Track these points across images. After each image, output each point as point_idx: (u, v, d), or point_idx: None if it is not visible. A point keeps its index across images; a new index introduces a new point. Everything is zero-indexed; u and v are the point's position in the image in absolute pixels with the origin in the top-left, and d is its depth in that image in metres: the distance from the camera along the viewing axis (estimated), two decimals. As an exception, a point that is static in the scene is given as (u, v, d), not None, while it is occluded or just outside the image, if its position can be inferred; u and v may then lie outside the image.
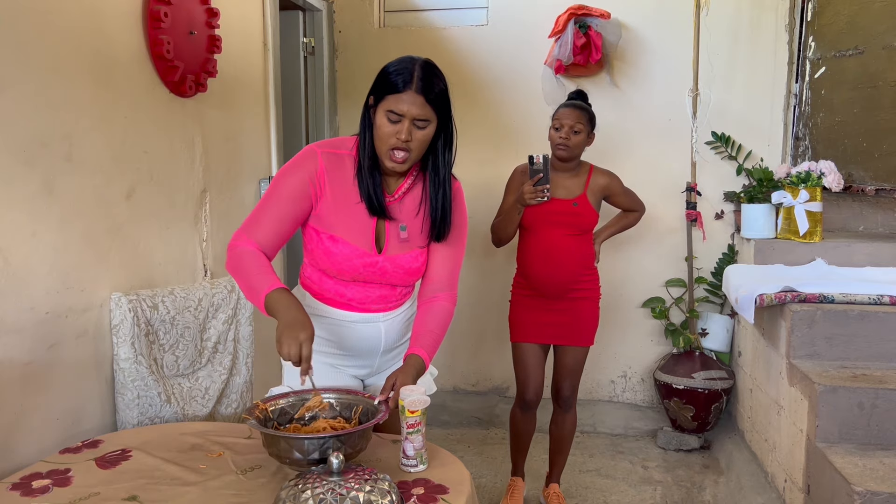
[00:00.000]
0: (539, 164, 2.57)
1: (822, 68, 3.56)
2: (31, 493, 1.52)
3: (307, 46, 3.67)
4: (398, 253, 1.79)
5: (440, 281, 1.85)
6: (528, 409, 2.83)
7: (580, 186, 2.72)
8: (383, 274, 1.80)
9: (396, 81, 1.65)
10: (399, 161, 1.70)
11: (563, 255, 2.68)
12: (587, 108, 2.72)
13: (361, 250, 1.76)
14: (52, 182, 1.86)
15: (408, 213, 1.80)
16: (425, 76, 1.66)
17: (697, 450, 3.54)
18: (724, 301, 3.65)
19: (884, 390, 2.34)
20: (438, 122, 1.72)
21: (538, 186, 2.57)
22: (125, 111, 2.14)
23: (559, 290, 2.70)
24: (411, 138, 1.67)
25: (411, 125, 1.67)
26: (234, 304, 2.45)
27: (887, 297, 2.68)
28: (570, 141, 2.64)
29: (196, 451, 1.75)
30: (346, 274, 1.78)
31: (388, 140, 1.68)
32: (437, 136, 1.74)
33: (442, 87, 1.70)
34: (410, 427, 1.60)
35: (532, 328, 2.75)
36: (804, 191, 3.15)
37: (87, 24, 1.98)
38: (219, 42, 2.53)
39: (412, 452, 1.61)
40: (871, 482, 2.08)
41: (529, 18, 3.70)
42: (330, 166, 1.75)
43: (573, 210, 2.68)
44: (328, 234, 1.76)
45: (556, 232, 2.68)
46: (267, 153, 3.07)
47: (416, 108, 1.65)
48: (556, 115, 2.70)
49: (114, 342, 2.05)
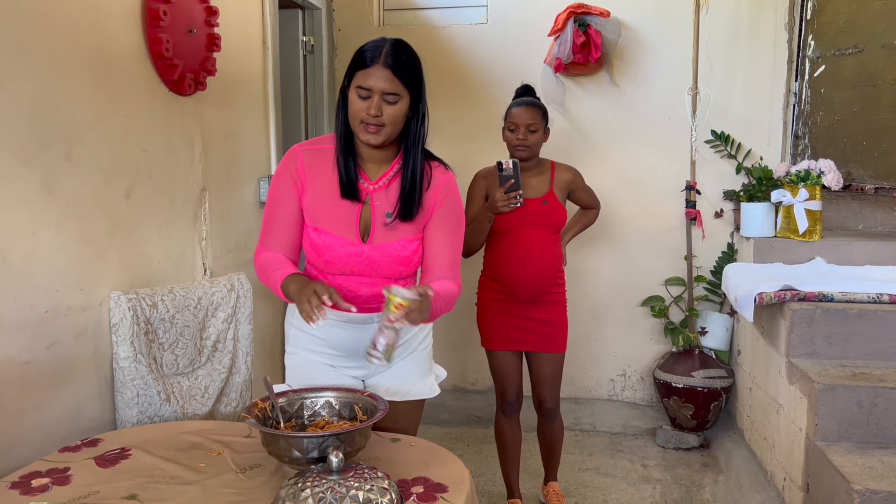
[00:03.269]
0: (509, 169, 2.53)
1: (822, 67, 3.56)
2: (30, 492, 1.52)
3: (306, 45, 3.66)
4: (385, 241, 1.79)
5: (440, 269, 1.83)
6: (512, 413, 2.80)
7: (546, 184, 2.68)
8: (370, 263, 1.79)
9: (365, 57, 1.69)
10: (372, 132, 1.71)
11: (538, 257, 2.63)
12: (539, 103, 2.66)
13: (345, 240, 1.77)
14: (52, 181, 1.86)
15: (393, 200, 1.80)
16: (394, 52, 1.69)
17: (697, 448, 3.54)
18: (724, 300, 3.66)
19: (883, 389, 2.34)
20: (411, 98, 1.73)
21: (510, 193, 2.52)
22: (124, 110, 2.14)
23: (535, 293, 2.65)
24: (381, 113, 1.69)
25: (381, 100, 1.68)
26: (233, 303, 2.45)
27: (886, 296, 2.68)
28: (527, 141, 2.60)
29: (195, 449, 1.75)
30: (333, 266, 1.79)
31: (359, 115, 1.70)
32: (411, 115, 1.75)
33: (412, 63, 1.72)
34: (389, 322, 1.58)
35: (505, 334, 2.69)
36: (803, 189, 3.15)
37: (87, 22, 1.98)
38: (218, 40, 2.53)
39: (381, 347, 1.61)
40: (870, 481, 2.09)
41: (529, 17, 3.70)
42: (310, 162, 1.79)
43: (544, 209, 2.64)
44: (313, 227, 1.79)
45: (530, 233, 2.63)
46: (266, 152, 3.07)
47: (384, 82, 1.67)
48: (509, 116, 2.63)
49: (113, 341, 2.05)
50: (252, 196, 2.94)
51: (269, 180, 3.00)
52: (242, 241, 2.84)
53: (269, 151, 3.08)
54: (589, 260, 3.80)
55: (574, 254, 3.61)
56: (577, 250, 3.65)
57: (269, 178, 3.01)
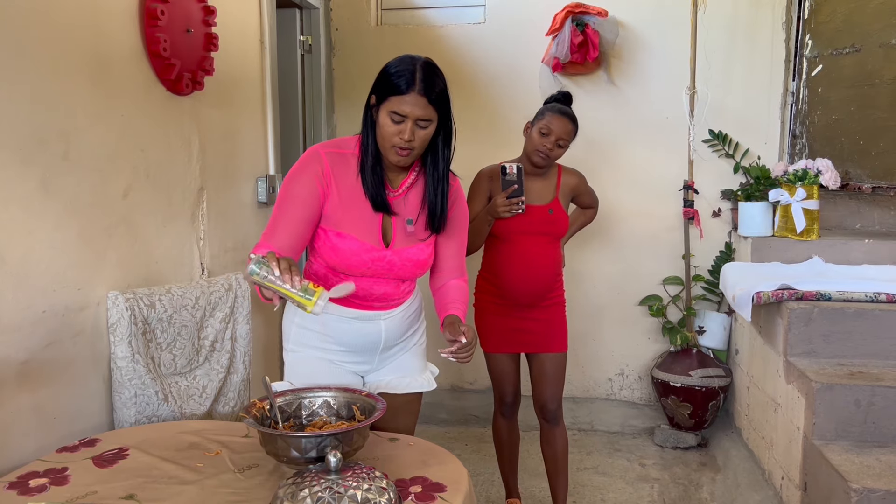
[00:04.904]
0: (513, 174, 2.44)
1: (819, 66, 3.56)
2: (28, 492, 1.51)
3: (304, 44, 3.66)
4: (405, 246, 1.85)
5: (450, 270, 1.96)
6: (511, 414, 2.78)
7: (551, 190, 2.63)
8: (391, 268, 1.84)
9: (399, 83, 1.69)
10: (403, 155, 1.75)
11: (539, 265, 2.58)
12: (576, 120, 2.59)
13: (369, 245, 1.80)
14: (49, 180, 1.85)
15: (412, 207, 1.86)
16: (426, 77, 1.70)
17: (695, 447, 3.55)
18: (722, 299, 3.66)
19: (880, 388, 2.35)
20: (439, 119, 1.76)
21: (512, 199, 2.45)
22: (122, 109, 2.14)
23: (533, 299, 2.61)
24: (414, 138, 1.72)
25: (414, 125, 1.71)
26: (231, 303, 2.45)
27: (884, 295, 2.68)
28: (553, 152, 2.53)
29: (193, 449, 1.75)
30: (355, 269, 1.82)
31: (392, 139, 1.73)
32: (437, 133, 1.79)
33: (442, 87, 1.74)
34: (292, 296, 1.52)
35: (505, 337, 2.64)
36: (801, 189, 3.15)
37: (84, 21, 1.98)
38: (215, 40, 2.52)
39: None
40: (868, 479, 2.09)
41: (527, 16, 3.70)
42: (334, 165, 1.80)
43: (549, 218, 2.59)
44: (335, 232, 1.80)
45: (532, 241, 2.57)
46: (264, 151, 3.07)
47: (419, 109, 1.69)
48: (548, 119, 2.54)
49: (111, 341, 2.05)
50: (250, 195, 2.94)
51: (267, 180, 3.00)
52: (240, 240, 2.83)
53: (266, 151, 3.07)
54: (587, 259, 3.80)
55: (572, 253, 3.61)
56: (574, 250, 3.65)
57: (266, 178, 3.01)
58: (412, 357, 2.02)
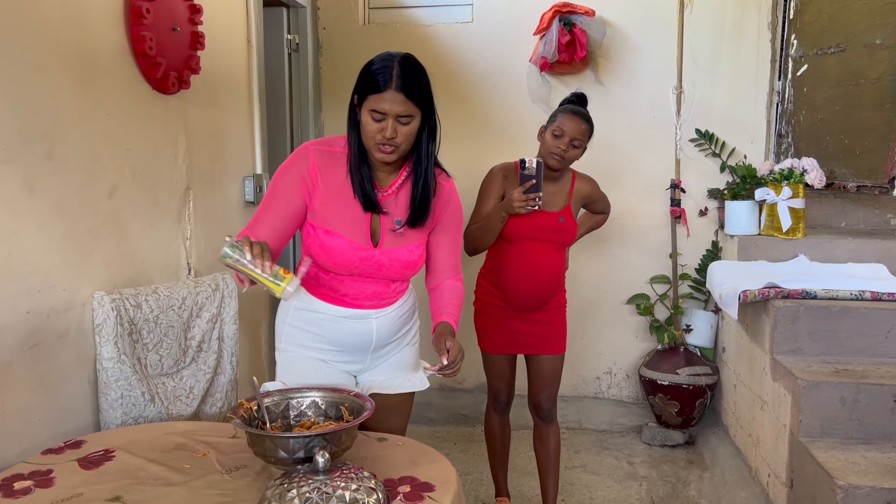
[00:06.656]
0: (532, 169, 2.38)
1: (805, 66, 3.59)
2: (12, 495, 1.50)
3: (291, 43, 3.65)
4: (393, 246, 1.84)
5: (446, 269, 1.96)
6: (504, 410, 2.78)
7: (564, 197, 2.58)
8: (379, 268, 1.84)
9: (377, 80, 1.69)
10: (387, 153, 1.75)
11: (543, 272, 2.54)
12: (591, 121, 2.53)
13: (357, 244, 1.80)
14: (33, 180, 1.84)
15: (402, 207, 1.85)
16: (405, 73, 1.70)
17: (682, 445, 3.57)
18: (709, 297, 3.68)
19: (865, 385, 2.37)
20: (422, 114, 1.76)
21: (530, 194, 2.38)
22: (107, 108, 2.12)
23: (535, 305, 2.58)
24: (396, 134, 1.72)
25: (395, 122, 1.71)
26: (218, 303, 2.44)
27: (868, 293, 2.71)
28: (568, 154, 2.47)
29: (180, 450, 1.74)
30: (343, 268, 1.82)
31: (374, 137, 1.73)
32: (421, 128, 1.79)
33: (423, 82, 1.74)
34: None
35: (503, 338, 2.62)
36: (787, 188, 3.17)
37: (69, 20, 1.96)
38: (202, 39, 2.51)
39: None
40: (853, 476, 2.11)
41: (514, 16, 3.70)
42: (322, 163, 1.81)
43: (559, 226, 2.54)
44: (324, 229, 1.80)
45: (538, 247, 2.53)
46: (251, 151, 3.05)
47: (398, 105, 1.69)
48: (560, 121, 2.48)
49: (96, 342, 2.03)
50: (237, 195, 2.93)
51: (254, 179, 2.99)
52: (227, 240, 2.82)
53: (253, 150, 3.06)
54: (574, 258, 3.79)
55: (560, 252, 3.62)
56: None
57: (253, 177, 3.00)
58: (405, 356, 2.01)
